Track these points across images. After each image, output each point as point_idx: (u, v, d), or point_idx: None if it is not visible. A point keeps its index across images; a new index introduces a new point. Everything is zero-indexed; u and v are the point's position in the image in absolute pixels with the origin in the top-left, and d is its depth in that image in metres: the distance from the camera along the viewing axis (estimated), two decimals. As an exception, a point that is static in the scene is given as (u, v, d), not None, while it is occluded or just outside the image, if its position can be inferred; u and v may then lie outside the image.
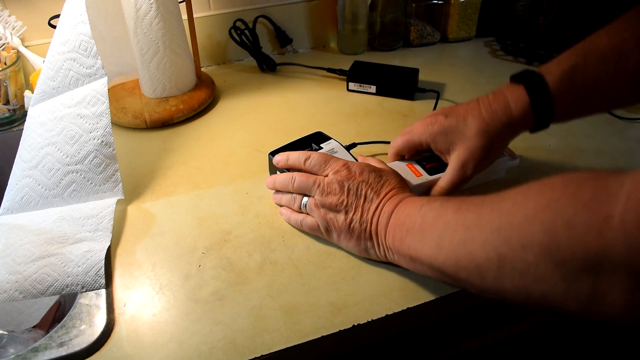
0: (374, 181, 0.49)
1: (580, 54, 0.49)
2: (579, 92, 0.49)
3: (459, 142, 0.52)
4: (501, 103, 0.50)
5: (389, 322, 0.46)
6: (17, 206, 0.58)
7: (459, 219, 0.38)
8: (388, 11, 0.93)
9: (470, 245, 0.36)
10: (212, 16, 0.88)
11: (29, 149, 0.59)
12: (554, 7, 0.99)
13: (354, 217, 0.48)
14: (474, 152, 0.51)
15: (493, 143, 0.51)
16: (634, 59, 0.47)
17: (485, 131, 0.50)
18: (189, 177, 0.63)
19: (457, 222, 0.38)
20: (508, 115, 0.50)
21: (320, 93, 0.82)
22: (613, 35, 0.48)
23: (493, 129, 0.50)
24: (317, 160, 0.52)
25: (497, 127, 0.50)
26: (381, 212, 0.47)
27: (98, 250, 0.50)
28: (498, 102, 0.51)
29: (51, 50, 0.60)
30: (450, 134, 0.52)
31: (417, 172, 0.56)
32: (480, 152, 0.51)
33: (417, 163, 0.57)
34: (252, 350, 0.42)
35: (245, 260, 0.51)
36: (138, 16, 0.68)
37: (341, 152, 0.59)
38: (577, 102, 0.50)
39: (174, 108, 0.74)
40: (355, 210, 0.48)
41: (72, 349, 0.42)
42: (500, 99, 0.51)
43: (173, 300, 0.47)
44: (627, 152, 0.65)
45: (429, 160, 0.57)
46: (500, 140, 0.52)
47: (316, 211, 0.50)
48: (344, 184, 0.49)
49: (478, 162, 0.52)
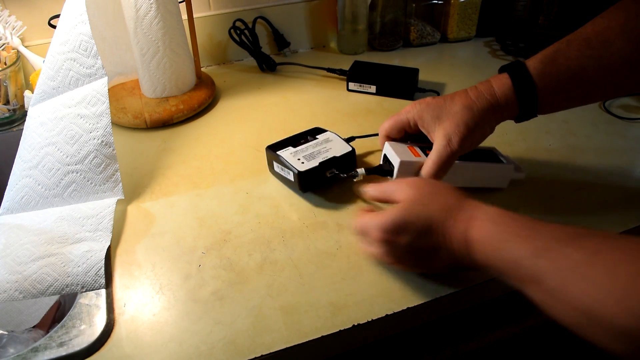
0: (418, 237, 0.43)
1: (564, 41, 0.50)
2: (561, 75, 0.49)
3: (444, 116, 0.52)
4: (487, 86, 0.52)
5: (389, 322, 0.46)
6: (17, 206, 0.58)
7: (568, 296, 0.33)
8: (388, 11, 0.93)
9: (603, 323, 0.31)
10: (212, 16, 0.88)
11: (29, 149, 0.59)
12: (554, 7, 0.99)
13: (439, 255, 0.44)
14: (459, 125, 0.51)
15: (477, 120, 0.51)
16: (618, 45, 0.47)
17: (469, 107, 0.51)
18: (189, 177, 0.63)
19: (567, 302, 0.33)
20: (492, 96, 0.51)
21: (320, 93, 0.82)
22: (598, 23, 0.49)
23: (478, 106, 0.51)
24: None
25: (482, 105, 0.51)
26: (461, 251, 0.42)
27: (98, 250, 0.50)
28: (483, 86, 0.52)
29: (51, 50, 0.60)
30: (437, 109, 0.53)
31: (416, 152, 0.56)
32: (465, 126, 0.51)
33: (418, 147, 0.58)
34: (252, 350, 0.42)
35: (245, 260, 0.51)
36: (138, 16, 0.68)
37: (335, 140, 0.61)
38: (560, 86, 0.50)
39: (174, 108, 0.74)
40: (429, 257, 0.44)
41: (72, 349, 0.42)
42: (486, 84, 0.52)
43: (173, 300, 0.47)
44: (627, 152, 0.65)
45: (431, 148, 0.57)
46: (485, 120, 0.52)
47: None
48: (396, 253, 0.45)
49: (463, 136, 0.51)
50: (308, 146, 0.60)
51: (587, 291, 0.31)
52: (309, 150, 0.60)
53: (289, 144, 0.61)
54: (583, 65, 0.49)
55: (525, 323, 0.62)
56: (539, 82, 0.50)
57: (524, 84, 0.50)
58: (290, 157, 0.58)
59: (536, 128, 0.71)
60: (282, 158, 0.58)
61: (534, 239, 0.36)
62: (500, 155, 0.60)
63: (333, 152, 0.59)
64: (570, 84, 0.50)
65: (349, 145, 0.60)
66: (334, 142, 0.61)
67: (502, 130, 0.70)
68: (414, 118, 0.54)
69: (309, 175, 0.57)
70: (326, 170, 0.58)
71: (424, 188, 0.46)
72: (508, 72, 0.51)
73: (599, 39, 0.48)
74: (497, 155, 0.60)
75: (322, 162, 0.58)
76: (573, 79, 0.49)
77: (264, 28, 0.92)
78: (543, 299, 0.35)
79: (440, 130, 0.52)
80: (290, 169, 0.57)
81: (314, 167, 0.57)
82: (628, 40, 0.47)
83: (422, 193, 0.45)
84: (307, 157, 0.58)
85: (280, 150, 0.60)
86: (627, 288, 0.30)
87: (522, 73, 0.50)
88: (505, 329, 0.61)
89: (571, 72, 0.49)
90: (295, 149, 0.60)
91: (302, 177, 0.57)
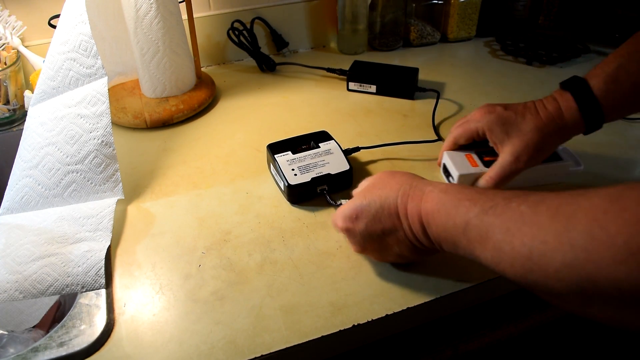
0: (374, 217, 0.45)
1: (624, 54, 0.51)
2: (625, 91, 0.51)
3: (515, 134, 0.53)
4: (555, 107, 0.53)
5: (389, 322, 0.46)
6: (17, 206, 0.58)
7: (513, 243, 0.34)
8: (388, 11, 0.93)
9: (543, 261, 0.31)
10: (212, 16, 0.88)
11: (29, 148, 0.59)
12: (554, 7, 0.99)
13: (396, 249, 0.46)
14: (529, 146, 0.53)
15: (546, 142, 0.53)
16: None
17: (541, 129, 0.52)
18: (189, 177, 0.63)
19: (512, 249, 0.34)
20: (561, 118, 0.52)
21: (320, 93, 0.82)
22: None
23: (548, 128, 0.52)
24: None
25: (551, 128, 0.52)
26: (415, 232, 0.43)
27: (98, 250, 0.50)
28: (552, 106, 0.53)
29: (51, 50, 0.60)
30: (507, 125, 0.54)
31: (474, 162, 0.58)
32: (534, 148, 0.53)
33: (476, 154, 0.59)
34: (252, 350, 0.42)
35: (245, 260, 0.51)
36: (138, 16, 0.68)
37: (336, 153, 0.60)
38: (626, 102, 0.52)
39: (174, 108, 0.74)
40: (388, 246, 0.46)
41: (72, 349, 0.42)
42: (554, 105, 0.53)
43: (173, 300, 0.47)
44: (627, 152, 0.65)
45: (488, 153, 0.58)
46: (552, 141, 0.54)
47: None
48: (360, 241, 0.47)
49: (530, 157, 0.53)
50: (306, 155, 0.60)
51: (530, 234, 0.32)
52: (306, 161, 0.59)
53: (289, 147, 0.60)
54: None
55: (525, 323, 0.62)
56: (604, 102, 0.51)
57: (590, 106, 0.51)
58: (285, 165, 0.58)
59: (536, 128, 0.71)
60: (277, 164, 0.58)
61: (483, 200, 0.37)
62: (558, 150, 0.60)
63: (329, 168, 0.58)
64: (633, 98, 0.51)
65: (347, 163, 0.59)
66: (333, 156, 0.60)
67: (502, 130, 0.70)
68: (484, 128, 0.55)
69: (298, 188, 0.56)
70: (317, 186, 0.57)
71: (379, 177, 0.48)
72: (572, 93, 0.52)
73: None
74: (555, 152, 0.60)
75: (314, 178, 0.57)
76: (635, 92, 0.51)
77: (262, 28, 0.92)
78: (491, 255, 0.35)
79: (509, 146, 0.54)
80: (282, 178, 0.57)
81: (304, 182, 0.56)
82: None
83: (377, 180, 0.47)
84: (302, 168, 0.58)
85: (279, 153, 0.60)
86: (567, 223, 0.30)
87: (587, 95, 0.51)
88: (505, 329, 0.61)
89: (634, 87, 0.50)
90: (294, 156, 0.59)
91: (292, 189, 0.56)
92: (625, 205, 0.28)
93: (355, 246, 0.48)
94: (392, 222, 0.44)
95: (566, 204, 0.32)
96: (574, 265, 0.29)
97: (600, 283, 0.28)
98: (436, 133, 0.71)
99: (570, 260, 0.29)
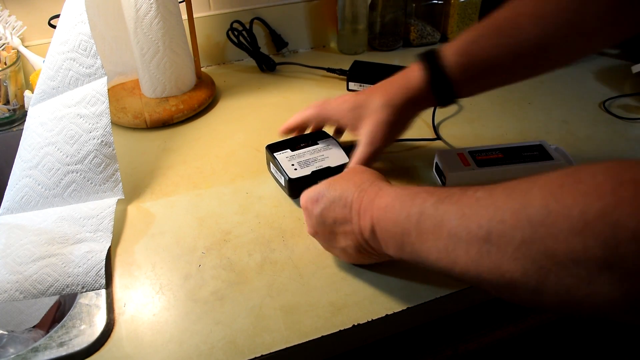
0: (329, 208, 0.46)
1: (477, 28, 0.51)
2: (476, 64, 0.51)
3: (366, 115, 0.55)
4: (404, 80, 0.54)
5: (389, 322, 0.46)
6: (17, 206, 0.58)
7: (469, 227, 0.33)
8: (388, 11, 0.93)
9: (502, 241, 0.31)
10: (212, 16, 0.88)
11: (29, 148, 0.59)
12: (553, 7, 0.98)
13: (344, 243, 0.46)
14: (380, 124, 0.54)
15: (398, 116, 0.54)
16: (530, 31, 0.48)
17: (388, 104, 0.54)
18: (189, 177, 0.63)
19: (468, 233, 0.33)
20: (408, 88, 0.53)
21: (320, 93, 0.82)
22: (510, 8, 0.50)
23: (396, 101, 0.54)
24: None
25: (401, 101, 0.53)
26: (362, 229, 0.43)
27: (98, 250, 0.50)
28: (401, 77, 0.55)
29: (51, 50, 0.60)
30: (359, 109, 0.55)
31: (466, 161, 0.59)
32: (386, 124, 0.54)
33: (470, 154, 0.60)
34: (252, 350, 0.42)
35: (245, 260, 0.51)
36: (138, 16, 0.68)
37: (335, 148, 0.61)
38: (476, 77, 0.52)
39: (174, 108, 0.74)
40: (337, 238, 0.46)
41: (72, 349, 0.42)
42: (403, 75, 0.55)
43: (173, 300, 0.47)
44: (627, 152, 0.65)
45: (481, 153, 0.59)
46: (406, 113, 0.55)
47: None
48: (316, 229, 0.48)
49: (385, 134, 0.54)
50: (306, 152, 0.60)
51: (487, 216, 0.32)
52: (305, 157, 0.59)
53: (288, 145, 0.61)
54: (496, 54, 0.50)
55: (525, 323, 0.62)
56: (453, 75, 0.51)
57: (438, 77, 0.52)
58: (284, 161, 0.58)
59: (536, 128, 0.71)
60: (277, 161, 0.58)
61: (439, 192, 0.37)
62: (550, 149, 0.60)
63: (329, 161, 0.59)
64: (484, 73, 0.51)
65: (346, 157, 0.60)
66: (332, 151, 0.60)
67: (502, 130, 0.70)
68: (337, 117, 0.58)
69: (299, 182, 0.57)
70: (318, 180, 0.57)
71: (351, 171, 0.49)
72: (422, 64, 0.53)
73: (510, 26, 0.49)
74: (546, 151, 0.60)
75: (314, 172, 0.57)
76: (487, 69, 0.51)
77: (261, 29, 0.92)
78: (445, 244, 0.35)
79: (362, 128, 0.55)
80: (282, 173, 0.57)
81: (305, 175, 0.57)
82: (539, 26, 0.48)
83: (347, 174, 0.49)
84: (302, 163, 0.58)
85: (278, 152, 0.60)
86: (523, 200, 0.30)
87: (436, 66, 0.52)
88: (505, 329, 0.61)
89: (485, 62, 0.50)
90: (293, 153, 0.60)
91: (292, 183, 0.57)
92: (580, 178, 0.28)
93: (309, 228, 0.49)
94: (343, 214, 0.44)
95: (522, 183, 0.31)
96: (533, 241, 0.29)
97: (557, 256, 0.28)
98: (435, 132, 0.71)
99: (529, 236, 0.29)
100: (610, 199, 0.26)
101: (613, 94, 0.78)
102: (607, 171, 0.27)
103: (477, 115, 0.75)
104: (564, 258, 0.27)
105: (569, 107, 0.75)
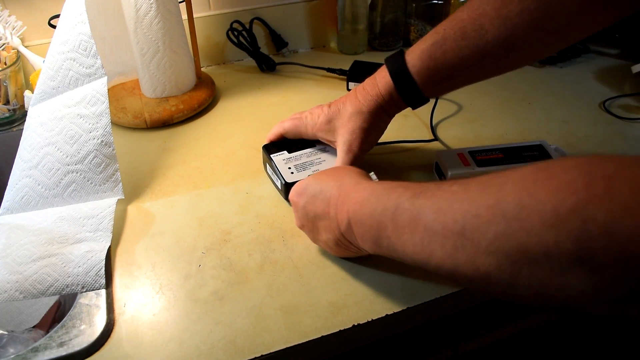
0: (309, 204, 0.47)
1: (440, 31, 0.51)
2: (441, 67, 0.51)
3: (340, 126, 0.56)
4: (372, 85, 0.55)
5: (389, 322, 0.46)
6: (17, 206, 0.58)
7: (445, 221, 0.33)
8: (388, 11, 0.93)
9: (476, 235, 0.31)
10: (212, 16, 0.88)
11: (29, 148, 0.59)
12: (553, 7, 0.98)
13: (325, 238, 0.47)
14: (355, 131, 0.55)
15: (371, 122, 0.55)
16: (493, 32, 0.48)
17: (360, 112, 0.55)
18: (189, 177, 0.63)
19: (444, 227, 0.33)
20: (378, 95, 0.54)
21: (320, 93, 0.82)
22: (473, 8, 0.49)
23: (367, 108, 0.54)
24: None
25: (371, 107, 0.54)
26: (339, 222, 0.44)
27: (98, 250, 0.50)
28: (369, 84, 0.55)
29: (51, 50, 0.60)
30: (333, 121, 0.56)
31: (466, 161, 0.59)
32: (360, 131, 0.55)
33: (469, 153, 0.60)
34: (252, 350, 0.42)
35: (245, 260, 0.51)
36: (138, 16, 0.68)
37: (333, 151, 0.60)
38: (442, 77, 0.52)
39: (174, 108, 0.74)
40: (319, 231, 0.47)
41: (72, 349, 0.42)
42: (371, 83, 0.55)
43: (173, 300, 0.47)
44: (627, 152, 0.65)
45: (482, 152, 0.59)
46: (378, 118, 0.55)
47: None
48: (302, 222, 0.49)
49: (361, 140, 0.55)
50: (302, 154, 0.60)
51: (462, 210, 0.32)
52: (302, 159, 0.59)
53: (285, 146, 0.61)
54: (460, 55, 0.50)
55: (525, 323, 0.62)
56: (418, 78, 0.52)
57: (403, 81, 0.52)
58: (281, 164, 0.58)
59: (536, 128, 0.71)
60: (273, 163, 0.58)
61: (415, 187, 0.38)
62: (550, 149, 0.60)
63: (325, 165, 0.59)
64: (450, 76, 0.52)
65: None
66: (329, 154, 0.60)
67: (502, 130, 0.71)
68: (314, 132, 0.58)
69: None
70: None
71: (338, 167, 0.51)
72: (388, 69, 0.53)
73: (474, 27, 0.48)
74: (546, 151, 0.60)
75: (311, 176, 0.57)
76: (453, 71, 0.51)
77: (261, 29, 0.92)
78: (420, 238, 0.35)
79: (338, 138, 0.56)
80: (279, 177, 0.57)
81: (301, 179, 0.56)
82: (502, 26, 0.47)
83: (334, 170, 0.49)
84: (299, 167, 0.58)
85: (274, 153, 0.60)
86: (497, 195, 0.30)
87: (401, 70, 0.52)
88: (505, 329, 0.61)
89: (450, 65, 0.50)
90: (290, 155, 0.59)
91: (289, 188, 0.56)
92: (553, 174, 0.28)
93: (296, 220, 0.50)
94: (323, 208, 0.45)
95: (495, 177, 0.32)
96: (507, 235, 0.29)
97: (530, 251, 0.28)
98: (433, 133, 0.71)
99: (503, 230, 0.29)
100: (582, 195, 0.26)
101: (613, 94, 0.78)
102: (580, 167, 0.28)
103: (477, 115, 0.75)
104: (536, 252, 0.28)
105: (569, 107, 0.76)
